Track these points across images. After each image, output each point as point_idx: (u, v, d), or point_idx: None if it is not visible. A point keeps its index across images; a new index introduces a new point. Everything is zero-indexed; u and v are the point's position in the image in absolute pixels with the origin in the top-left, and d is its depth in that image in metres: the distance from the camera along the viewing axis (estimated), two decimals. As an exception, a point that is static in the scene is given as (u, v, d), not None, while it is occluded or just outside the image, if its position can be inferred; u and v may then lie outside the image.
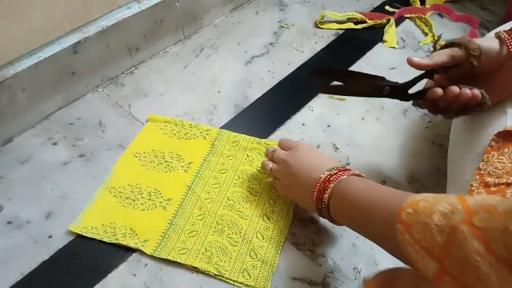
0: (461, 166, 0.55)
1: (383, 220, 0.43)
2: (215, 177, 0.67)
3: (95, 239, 0.58)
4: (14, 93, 0.68)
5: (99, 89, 0.81)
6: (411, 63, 0.53)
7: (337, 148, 0.72)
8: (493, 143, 0.51)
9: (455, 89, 0.51)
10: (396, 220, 0.39)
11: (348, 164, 0.53)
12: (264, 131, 0.74)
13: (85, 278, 0.55)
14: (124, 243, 0.58)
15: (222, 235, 0.59)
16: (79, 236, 0.59)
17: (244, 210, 0.62)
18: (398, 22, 0.99)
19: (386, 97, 0.57)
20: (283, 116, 0.77)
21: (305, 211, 0.63)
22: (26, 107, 0.71)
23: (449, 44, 0.54)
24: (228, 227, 0.60)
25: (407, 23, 1.00)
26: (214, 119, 0.77)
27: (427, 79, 0.56)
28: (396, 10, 1.00)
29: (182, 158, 0.69)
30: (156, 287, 0.55)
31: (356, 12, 0.99)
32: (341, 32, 0.96)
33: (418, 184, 0.68)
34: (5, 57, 0.65)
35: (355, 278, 0.57)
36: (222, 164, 0.69)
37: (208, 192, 0.65)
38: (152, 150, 0.70)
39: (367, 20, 0.98)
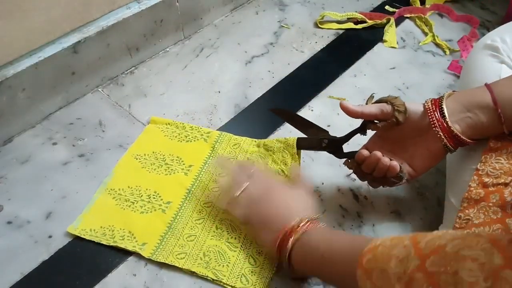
0: (459, 166, 0.55)
1: (345, 266, 0.43)
2: (216, 181, 0.66)
3: (95, 239, 0.59)
4: (14, 93, 0.68)
5: (99, 89, 0.81)
6: (341, 105, 0.56)
7: (337, 148, 0.73)
8: (491, 144, 0.51)
9: (378, 154, 0.55)
10: (357, 265, 0.40)
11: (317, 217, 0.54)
12: (264, 131, 0.74)
13: (85, 278, 0.56)
14: (122, 246, 0.58)
15: (221, 239, 0.59)
16: (79, 236, 0.59)
17: (244, 212, 0.62)
18: (398, 22, 0.99)
19: (324, 150, 0.62)
20: (283, 116, 0.77)
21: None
22: (26, 107, 0.71)
23: (378, 101, 0.56)
24: (228, 231, 0.60)
25: (407, 23, 1.00)
26: (214, 119, 0.77)
27: (361, 134, 0.59)
28: (396, 10, 1.00)
29: (182, 161, 0.68)
30: (156, 287, 0.55)
31: (356, 12, 0.99)
32: (341, 32, 0.96)
33: (418, 184, 0.68)
34: (5, 57, 0.65)
35: (355, 278, 0.57)
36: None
37: (208, 196, 0.64)
38: (153, 152, 0.69)
39: (367, 20, 0.98)
